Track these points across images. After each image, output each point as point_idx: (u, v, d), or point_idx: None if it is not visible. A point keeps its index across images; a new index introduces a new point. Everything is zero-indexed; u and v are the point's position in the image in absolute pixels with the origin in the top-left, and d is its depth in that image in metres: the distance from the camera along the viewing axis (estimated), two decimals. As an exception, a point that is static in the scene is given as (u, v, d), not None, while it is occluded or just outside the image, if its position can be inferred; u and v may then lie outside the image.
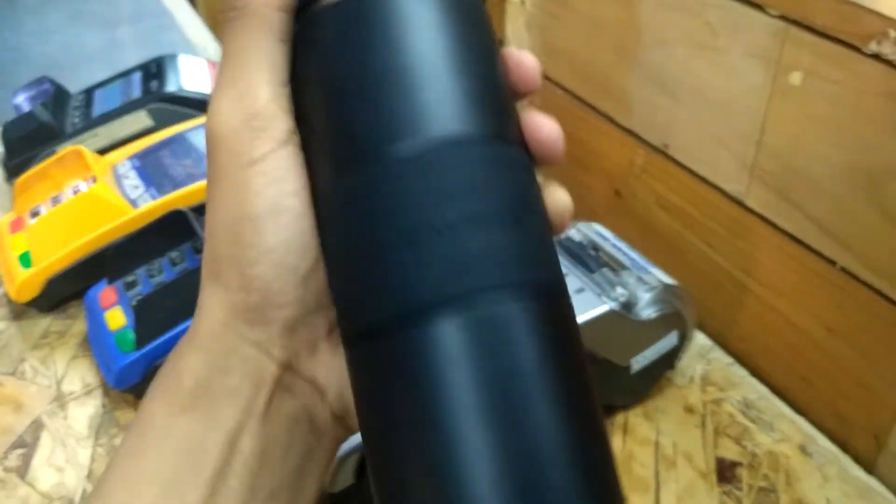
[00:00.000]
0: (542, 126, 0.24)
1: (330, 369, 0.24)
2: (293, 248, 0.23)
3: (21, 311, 0.56)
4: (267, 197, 0.22)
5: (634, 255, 0.52)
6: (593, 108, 0.67)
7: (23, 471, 0.46)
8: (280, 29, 0.23)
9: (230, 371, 0.23)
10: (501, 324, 0.20)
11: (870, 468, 0.49)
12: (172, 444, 0.22)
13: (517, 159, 0.23)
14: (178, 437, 0.22)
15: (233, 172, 0.23)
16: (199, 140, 0.62)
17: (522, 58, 0.25)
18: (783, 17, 0.48)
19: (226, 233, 0.23)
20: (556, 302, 0.22)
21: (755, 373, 0.55)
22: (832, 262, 0.50)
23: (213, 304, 0.23)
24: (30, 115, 0.66)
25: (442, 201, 0.21)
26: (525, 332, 0.20)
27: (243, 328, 0.23)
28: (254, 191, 0.22)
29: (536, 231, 0.22)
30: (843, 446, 0.50)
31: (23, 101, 0.71)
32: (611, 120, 0.65)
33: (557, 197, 0.25)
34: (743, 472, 0.48)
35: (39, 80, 0.72)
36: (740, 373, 0.55)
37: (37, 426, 0.48)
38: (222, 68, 0.23)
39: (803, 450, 0.50)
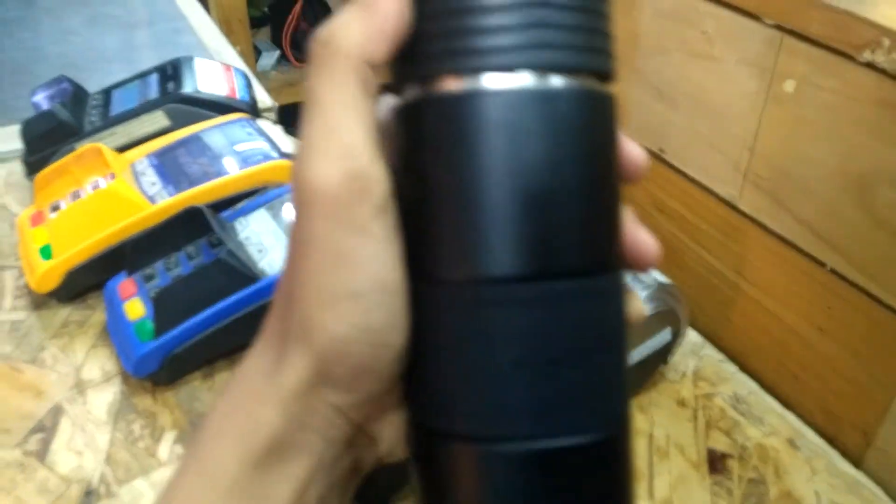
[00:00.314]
0: (646, 246, 0.23)
1: (392, 428, 0.24)
2: (393, 327, 0.21)
3: (41, 302, 0.57)
4: (370, 273, 0.21)
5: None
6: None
7: (42, 454, 0.47)
8: (372, 84, 0.21)
9: (307, 429, 0.22)
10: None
11: (858, 463, 0.50)
12: (244, 496, 0.22)
13: (620, 287, 0.23)
14: (249, 490, 0.22)
15: (333, 241, 0.21)
16: (214, 140, 0.63)
17: (634, 153, 0.23)
18: (778, 27, 0.49)
19: (322, 304, 0.21)
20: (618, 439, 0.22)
21: (746, 369, 0.56)
22: (822, 264, 0.51)
23: (298, 364, 0.22)
24: (49, 113, 0.67)
25: (550, 339, 0.20)
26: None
27: (328, 393, 0.22)
28: (357, 264, 0.21)
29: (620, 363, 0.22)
30: (832, 441, 0.51)
31: (42, 99, 0.72)
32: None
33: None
34: (733, 464, 0.49)
35: (58, 80, 0.73)
36: (731, 369, 0.56)
37: (56, 411, 0.50)
38: (312, 119, 0.21)
39: (792, 443, 0.51)
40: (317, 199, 0.20)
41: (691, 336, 0.58)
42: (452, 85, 0.21)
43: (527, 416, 0.20)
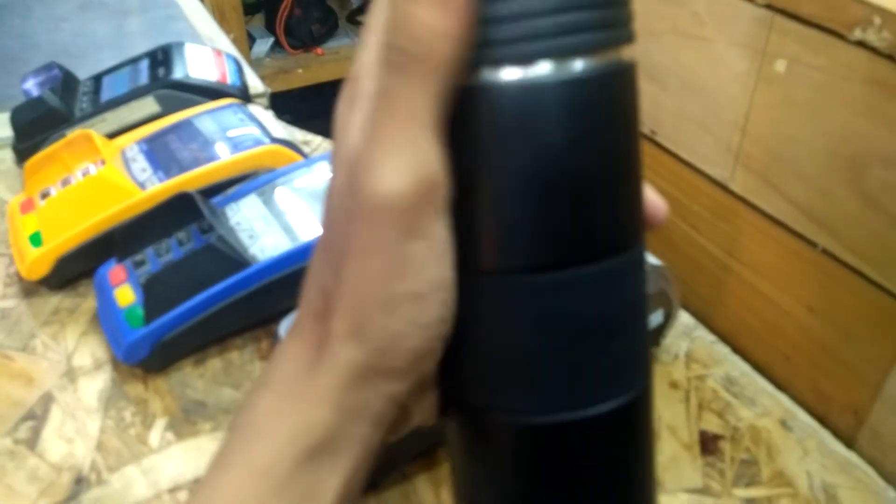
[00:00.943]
0: (654, 206, 0.24)
1: (427, 402, 0.24)
2: (445, 319, 0.22)
3: (32, 289, 0.56)
4: (430, 274, 0.21)
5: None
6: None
7: (33, 442, 0.46)
8: (449, 84, 0.20)
9: (359, 420, 0.22)
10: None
11: (849, 443, 0.49)
12: (296, 490, 0.22)
13: (643, 256, 0.23)
14: (303, 485, 0.22)
15: (393, 246, 0.20)
16: (204, 126, 0.61)
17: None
18: (769, 6, 0.48)
19: (383, 307, 0.21)
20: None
21: (737, 350, 0.55)
22: (813, 245, 0.50)
23: (350, 358, 0.22)
24: (39, 99, 0.66)
25: (583, 318, 0.21)
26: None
27: (381, 383, 0.22)
28: (417, 266, 0.20)
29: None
30: (823, 422, 0.51)
31: (32, 86, 0.70)
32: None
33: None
34: (725, 445, 0.48)
35: (48, 66, 0.71)
36: (723, 350, 0.55)
37: (47, 399, 0.48)
38: (383, 123, 0.20)
39: (784, 424, 0.50)
40: (385, 209, 0.20)
41: (683, 318, 0.57)
42: (471, 79, 0.20)
43: (565, 389, 0.21)
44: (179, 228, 0.53)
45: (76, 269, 0.55)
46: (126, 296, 0.50)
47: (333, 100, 0.23)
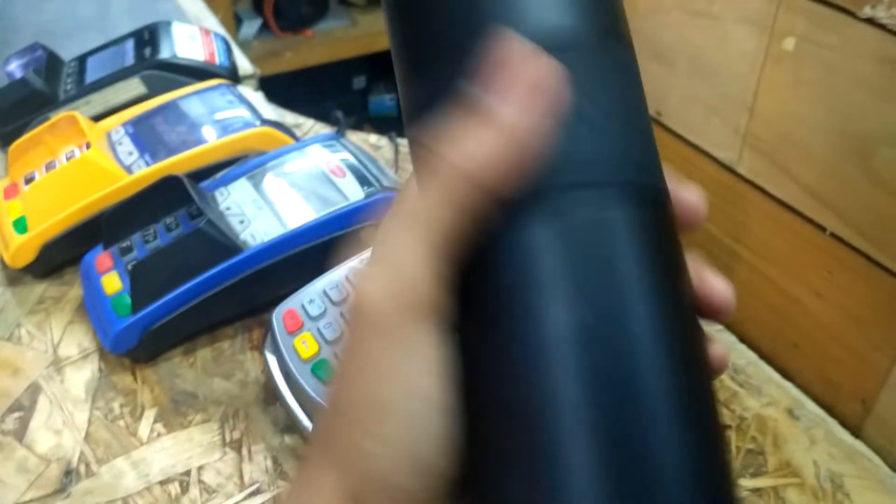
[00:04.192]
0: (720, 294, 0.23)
1: None
2: (439, 449, 0.20)
3: (16, 277, 0.57)
4: (413, 388, 0.20)
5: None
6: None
7: (20, 433, 0.47)
8: (475, 209, 0.20)
9: None
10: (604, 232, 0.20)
11: (857, 432, 0.50)
12: None
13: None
14: None
15: (367, 348, 0.20)
16: (192, 107, 0.62)
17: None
18: (777, -17, 0.48)
19: (347, 413, 0.20)
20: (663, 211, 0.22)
21: (744, 339, 0.56)
22: (822, 228, 0.50)
23: (325, 484, 0.21)
24: (22, 81, 0.66)
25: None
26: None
27: None
28: (400, 380, 0.20)
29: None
30: (831, 410, 0.51)
31: (15, 68, 0.70)
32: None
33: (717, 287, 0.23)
34: (731, 435, 0.49)
35: (32, 47, 0.71)
36: (729, 339, 0.56)
37: (34, 390, 0.49)
38: (378, 242, 0.21)
39: (791, 413, 0.50)
40: (365, 315, 0.20)
41: (688, 305, 0.58)
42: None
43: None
44: (167, 213, 0.53)
45: (62, 256, 0.56)
46: (113, 283, 0.50)
47: (324, 84, 0.23)
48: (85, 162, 0.55)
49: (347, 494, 0.20)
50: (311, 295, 0.47)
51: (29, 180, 0.57)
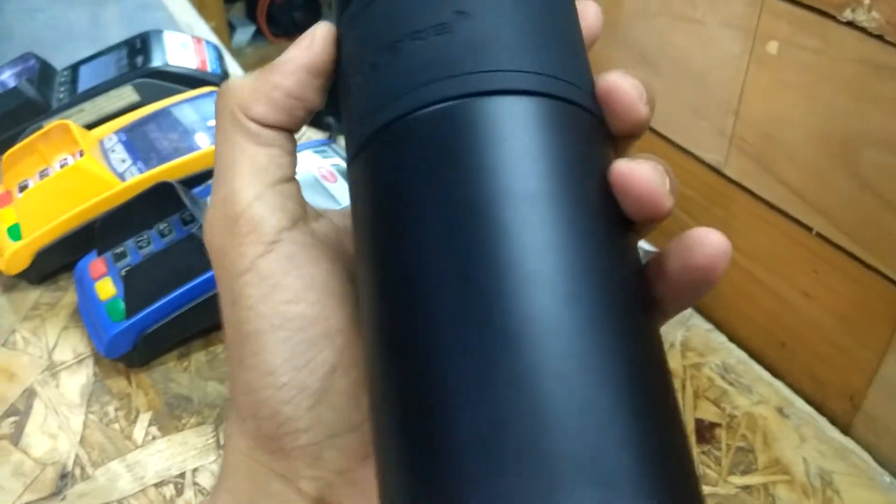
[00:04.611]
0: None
1: (370, 499, 0.21)
2: (299, 365, 0.20)
3: (11, 284, 0.58)
4: (260, 311, 0.21)
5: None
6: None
7: (16, 438, 0.48)
8: (257, 134, 0.22)
9: None
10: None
11: (846, 429, 0.51)
12: None
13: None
14: None
15: (227, 287, 0.21)
16: (184, 115, 0.63)
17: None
18: (759, -13, 0.50)
19: (231, 355, 0.21)
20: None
21: (734, 338, 0.57)
22: (808, 228, 0.52)
23: (233, 434, 0.22)
24: (15, 90, 0.67)
25: None
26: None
27: (266, 458, 0.21)
28: (246, 305, 0.21)
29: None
30: (820, 408, 0.52)
31: (8, 77, 0.72)
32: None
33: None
34: (721, 433, 0.50)
35: (24, 57, 0.73)
36: (719, 338, 0.57)
37: (29, 395, 0.50)
38: (214, 175, 0.22)
39: (780, 412, 0.52)
40: (212, 250, 0.22)
41: (678, 306, 0.59)
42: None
43: None
44: (160, 219, 0.54)
45: (56, 263, 0.57)
46: (107, 289, 0.52)
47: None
48: (78, 169, 0.57)
49: (248, 435, 0.21)
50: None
51: (23, 188, 0.59)
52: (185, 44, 0.72)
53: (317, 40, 0.22)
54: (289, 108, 0.22)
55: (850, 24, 0.45)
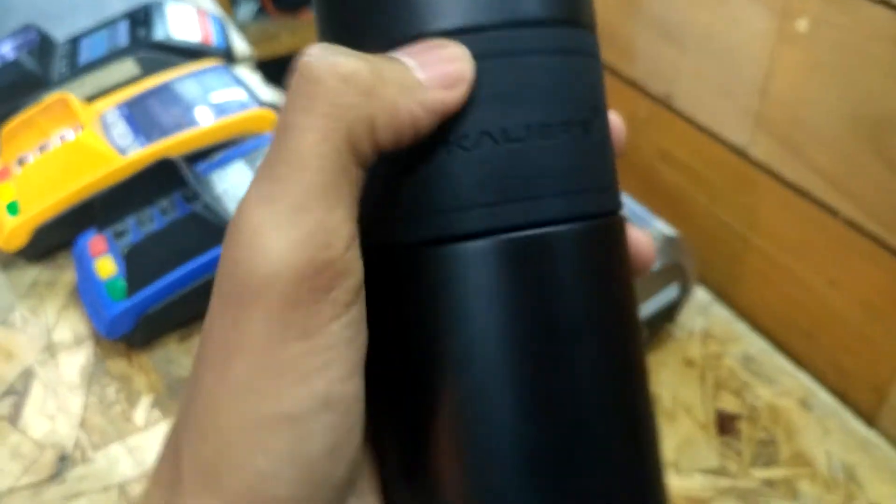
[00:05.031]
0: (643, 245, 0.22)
1: None
2: (337, 455, 0.17)
3: (9, 261, 0.57)
4: (316, 388, 0.16)
5: (636, 206, 0.53)
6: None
7: (15, 418, 0.47)
8: (367, 159, 0.17)
9: None
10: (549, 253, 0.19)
11: (870, 421, 0.50)
12: None
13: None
14: None
15: (273, 347, 0.16)
16: (187, 88, 0.62)
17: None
18: (790, -40, 0.49)
19: (243, 432, 0.16)
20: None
21: (756, 327, 0.56)
22: (835, 213, 0.51)
23: None
24: (15, 63, 0.66)
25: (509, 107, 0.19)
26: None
27: None
28: (298, 375, 0.16)
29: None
30: (844, 399, 0.52)
31: (8, 50, 0.71)
32: (613, 71, 0.66)
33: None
34: (742, 425, 0.49)
35: (25, 29, 0.72)
36: (741, 327, 0.56)
37: (28, 375, 0.50)
38: (276, 176, 0.16)
39: (804, 403, 0.51)
40: (265, 292, 0.16)
41: (699, 293, 0.58)
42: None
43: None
44: (162, 196, 0.54)
45: (55, 240, 0.56)
46: (107, 267, 0.51)
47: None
48: (78, 144, 0.56)
49: None
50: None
51: (21, 162, 0.58)
52: (189, 16, 0.71)
53: (464, 83, 0.18)
54: (406, 141, 0.18)
55: (884, 2, 0.44)
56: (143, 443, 0.46)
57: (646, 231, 0.23)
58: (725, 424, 0.49)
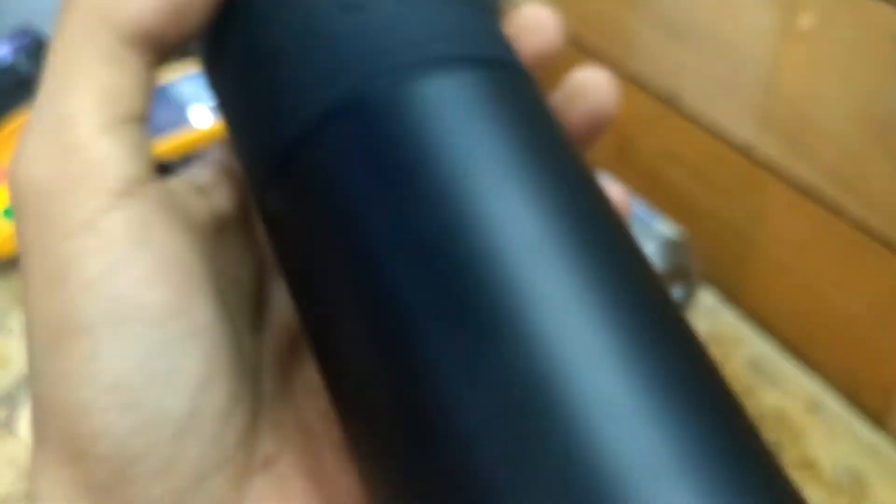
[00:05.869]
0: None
1: None
2: (157, 375, 0.15)
3: (5, 266, 0.58)
4: (101, 293, 0.15)
5: (639, 207, 0.53)
6: (596, 54, 0.68)
7: (10, 424, 0.48)
8: (122, 46, 0.16)
9: None
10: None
11: (879, 424, 0.51)
12: None
13: None
14: None
15: (48, 253, 0.15)
16: (183, 89, 0.63)
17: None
18: (792, -45, 0.49)
19: (42, 360, 0.15)
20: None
21: (762, 329, 0.57)
22: (843, 214, 0.51)
23: (46, 489, 0.15)
24: (10, 67, 0.68)
25: None
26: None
27: None
28: (80, 282, 0.15)
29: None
30: (852, 403, 0.52)
31: (3, 53, 0.72)
32: (615, 68, 0.67)
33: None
34: (747, 429, 0.50)
35: (20, 32, 0.73)
36: (747, 329, 0.57)
37: (24, 381, 0.51)
38: (40, 93, 0.16)
39: (810, 407, 0.52)
40: (27, 194, 0.15)
41: (705, 295, 0.59)
42: None
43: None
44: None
45: (51, 245, 0.58)
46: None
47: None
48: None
49: (72, 486, 0.15)
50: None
51: (17, 167, 0.59)
52: (187, 17, 0.73)
53: None
54: (180, 16, 0.17)
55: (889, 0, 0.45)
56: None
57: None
58: (730, 429, 0.50)
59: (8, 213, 0.57)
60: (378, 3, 0.17)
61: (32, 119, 0.16)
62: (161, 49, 0.17)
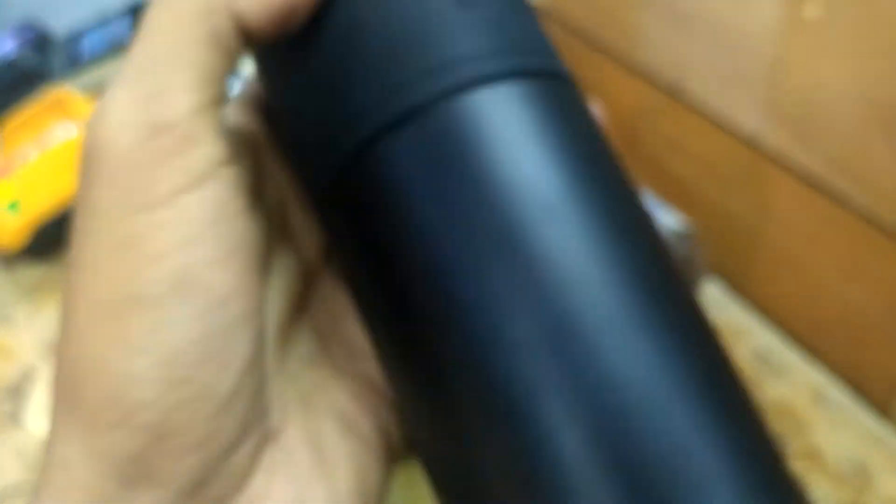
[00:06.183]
0: None
1: None
2: (212, 354, 0.15)
3: (11, 259, 0.59)
4: (170, 267, 0.15)
5: (644, 198, 0.54)
6: (602, 46, 0.69)
7: (17, 417, 0.49)
8: (223, 34, 0.17)
9: None
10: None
11: (884, 415, 0.51)
12: None
13: None
14: None
15: (117, 218, 0.15)
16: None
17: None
18: (797, -56, 0.50)
19: (95, 324, 0.15)
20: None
21: (768, 320, 0.57)
22: (849, 205, 0.52)
23: (69, 456, 0.15)
24: (14, 61, 0.69)
25: None
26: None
27: (121, 495, 0.15)
28: (150, 254, 0.15)
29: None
30: (857, 394, 0.53)
31: (7, 46, 0.73)
32: (620, 59, 0.67)
33: None
34: (752, 420, 0.50)
35: (24, 26, 0.74)
36: (753, 320, 0.57)
37: (30, 373, 0.52)
38: (132, 59, 0.16)
39: (816, 398, 0.52)
40: (106, 157, 0.15)
41: (711, 287, 0.59)
42: None
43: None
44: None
45: (57, 238, 0.59)
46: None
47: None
48: (79, 142, 0.58)
49: (99, 456, 0.15)
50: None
51: (23, 161, 0.60)
52: (191, 10, 0.73)
53: None
54: (286, 20, 0.17)
55: (895, -15, 0.45)
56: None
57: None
58: (736, 420, 0.51)
59: (13, 206, 0.58)
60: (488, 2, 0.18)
61: (123, 85, 0.16)
62: (254, 44, 0.18)
